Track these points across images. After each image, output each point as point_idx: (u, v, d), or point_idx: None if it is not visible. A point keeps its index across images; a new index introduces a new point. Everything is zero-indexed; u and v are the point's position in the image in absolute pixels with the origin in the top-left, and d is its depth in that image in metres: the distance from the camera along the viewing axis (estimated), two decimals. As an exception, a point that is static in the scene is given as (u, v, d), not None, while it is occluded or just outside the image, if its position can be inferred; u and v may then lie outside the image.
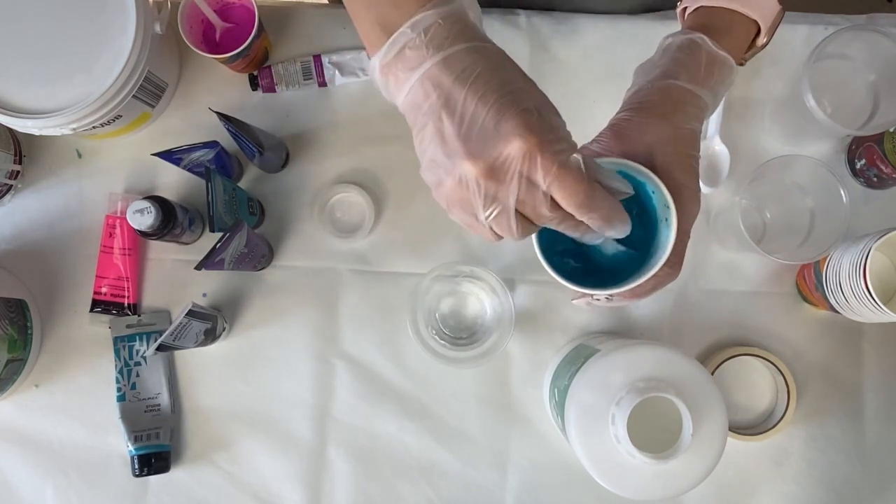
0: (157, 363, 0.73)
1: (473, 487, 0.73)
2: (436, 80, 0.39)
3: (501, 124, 0.38)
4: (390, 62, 0.41)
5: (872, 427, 0.73)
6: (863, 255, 0.61)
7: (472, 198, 0.39)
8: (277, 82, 0.76)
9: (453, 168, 0.39)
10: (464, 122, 0.38)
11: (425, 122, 0.40)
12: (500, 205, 0.39)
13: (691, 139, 0.48)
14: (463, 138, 0.38)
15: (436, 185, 0.41)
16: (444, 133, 0.39)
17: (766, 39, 0.54)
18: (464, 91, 0.38)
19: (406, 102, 0.41)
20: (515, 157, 0.37)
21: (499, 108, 0.38)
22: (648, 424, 0.53)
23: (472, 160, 0.38)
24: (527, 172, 0.38)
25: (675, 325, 0.75)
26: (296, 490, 0.73)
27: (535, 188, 0.38)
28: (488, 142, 0.38)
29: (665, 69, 0.49)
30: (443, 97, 0.39)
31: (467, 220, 0.41)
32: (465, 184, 0.39)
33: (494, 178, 0.38)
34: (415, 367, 0.74)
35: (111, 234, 0.74)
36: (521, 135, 0.37)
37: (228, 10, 0.74)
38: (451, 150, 0.39)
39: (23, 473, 0.73)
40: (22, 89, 0.65)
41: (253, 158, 0.71)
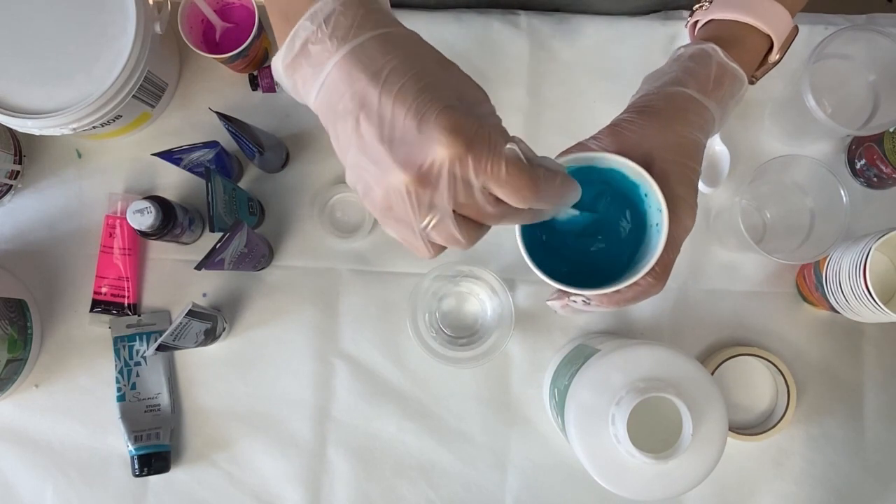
0: (157, 363, 0.73)
1: (473, 487, 0.73)
2: (346, 77, 0.36)
3: (424, 126, 0.34)
4: (293, 61, 0.37)
5: (872, 427, 0.73)
6: (863, 255, 0.61)
7: (406, 208, 0.36)
8: (277, 82, 0.76)
9: (381, 177, 0.35)
10: (384, 125, 0.35)
11: (343, 125, 0.36)
12: (438, 212, 0.36)
13: (693, 150, 0.46)
14: (387, 144, 0.35)
15: (363, 192, 0.37)
16: (365, 139, 0.35)
17: (779, 56, 0.53)
18: (378, 89, 0.35)
19: (318, 103, 0.38)
20: (445, 160, 0.34)
21: (418, 106, 0.34)
22: (648, 424, 0.53)
23: (400, 168, 0.34)
24: (461, 174, 0.35)
25: (675, 325, 0.75)
26: (296, 490, 0.73)
27: (471, 190, 0.35)
28: (413, 147, 0.34)
29: (674, 77, 0.48)
30: (357, 97, 0.35)
31: (402, 232, 0.38)
32: (396, 193, 0.35)
33: (427, 185, 0.35)
34: (415, 367, 0.74)
35: (111, 234, 0.74)
36: (447, 136, 0.34)
37: (228, 10, 0.74)
38: (376, 157, 0.35)
39: (23, 473, 0.73)
40: (22, 89, 0.65)
41: (253, 158, 0.71)
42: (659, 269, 0.44)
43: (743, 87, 0.49)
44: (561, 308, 0.49)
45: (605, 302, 0.46)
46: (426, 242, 0.38)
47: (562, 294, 0.48)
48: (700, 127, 0.46)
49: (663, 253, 0.44)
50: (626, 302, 0.46)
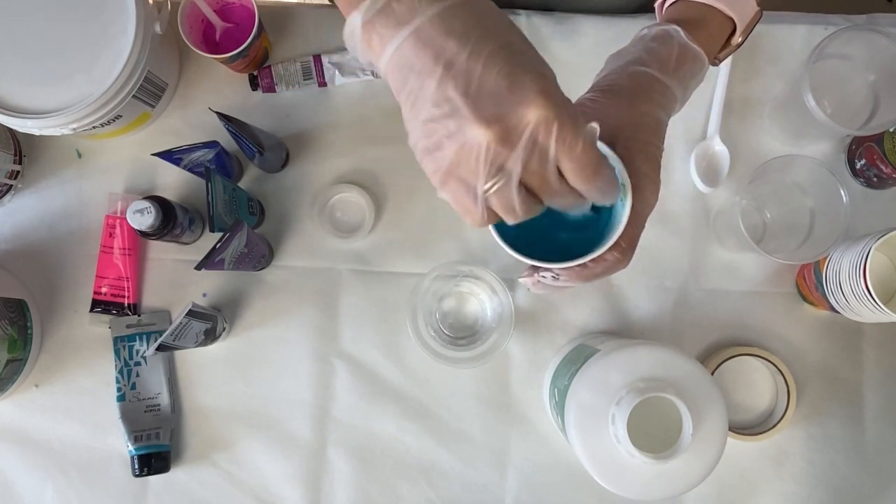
0: (157, 363, 0.73)
1: (473, 487, 0.73)
2: (431, 38, 0.36)
3: (517, 87, 0.35)
4: (374, 18, 0.37)
5: (872, 427, 0.73)
6: (863, 255, 0.61)
7: (477, 166, 0.36)
8: (277, 82, 0.76)
9: (458, 132, 0.35)
10: (471, 83, 0.35)
11: (420, 82, 0.36)
12: (506, 176, 0.36)
13: (656, 128, 0.47)
14: (473, 99, 0.35)
15: (432, 148, 0.37)
16: (447, 94, 0.35)
17: (742, 39, 0.54)
18: (467, 50, 0.35)
19: (393, 62, 0.37)
20: (533, 123, 0.35)
21: (511, 69, 0.35)
22: (648, 424, 0.53)
23: (484, 124, 0.35)
24: (541, 140, 0.35)
25: (675, 325, 0.75)
26: (296, 490, 0.73)
27: (546, 158, 0.36)
28: (503, 105, 0.35)
29: (636, 57, 0.48)
30: (443, 55, 0.35)
31: (462, 194, 0.38)
32: (470, 149, 0.36)
33: (507, 144, 0.35)
34: (415, 367, 0.74)
35: (111, 234, 0.74)
36: (541, 100, 0.35)
37: (228, 10, 0.74)
38: (458, 113, 0.35)
39: (23, 473, 0.73)
40: (22, 89, 0.65)
41: (253, 158, 0.71)
42: (625, 244, 0.45)
43: (704, 68, 0.50)
44: (532, 285, 0.50)
45: (573, 276, 0.47)
46: (484, 208, 0.38)
47: (532, 270, 0.48)
48: (662, 106, 0.48)
49: (628, 228, 0.45)
50: (595, 276, 0.46)
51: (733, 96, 0.76)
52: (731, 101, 0.76)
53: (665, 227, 0.75)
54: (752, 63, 0.76)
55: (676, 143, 0.76)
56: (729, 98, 0.76)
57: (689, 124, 0.76)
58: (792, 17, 0.78)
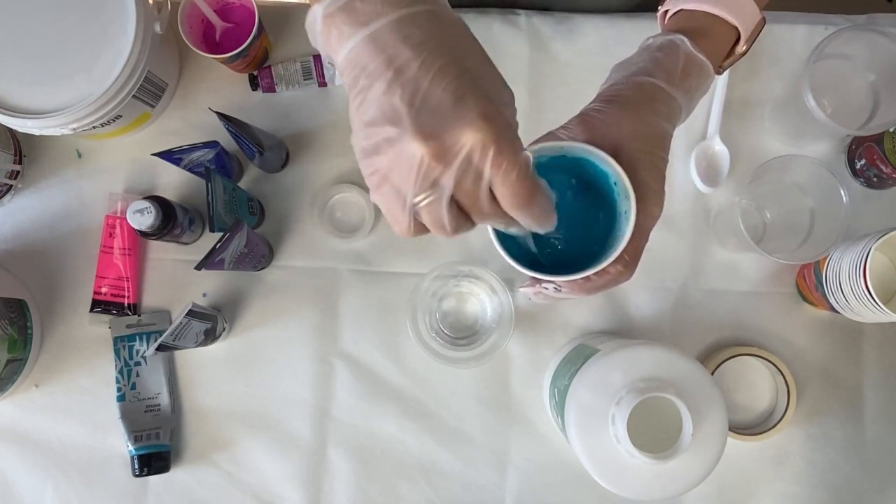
0: (157, 363, 0.73)
1: (473, 487, 0.73)
2: (386, 42, 0.36)
3: (460, 106, 0.35)
4: (335, 13, 0.37)
5: (872, 427, 0.73)
6: (863, 255, 0.61)
7: (409, 177, 0.36)
8: (277, 82, 0.76)
9: (397, 140, 0.35)
10: (417, 93, 0.35)
11: (369, 83, 0.36)
12: (437, 192, 0.36)
13: (661, 139, 0.47)
14: (416, 111, 0.35)
15: (370, 152, 0.37)
16: (392, 101, 0.35)
17: (746, 48, 0.53)
18: (420, 59, 0.35)
19: (347, 59, 0.37)
20: (469, 144, 0.35)
21: (458, 87, 0.35)
22: (648, 424, 0.53)
23: (422, 137, 0.35)
24: (476, 163, 0.35)
25: (675, 325, 0.75)
26: (296, 490, 0.73)
27: (480, 180, 0.36)
28: (444, 122, 0.35)
29: (642, 67, 0.48)
30: (395, 61, 0.35)
31: (392, 202, 0.38)
32: (405, 160, 0.35)
33: (441, 162, 0.35)
34: (415, 367, 0.74)
35: (111, 234, 0.74)
36: (481, 123, 0.35)
37: (228, 10, 0.74)
38: (398, 121, 0.35)
39: (23, 473, 0.73)
40: (22, 89, 0.65)
41: (253, 158, 0.71)
42: (628, 257, 0.45)
43: (710, 78, 0.50)
44: (534, 295, 0.50)
45: (575, 289, 0.46)
46: (411, 218, 0.38)
47: (534, 281, 0.48)
48: (667, 117, 0.47)
49: (632, 241, 0.44)
50: (597, 289, 0.46)
51: (733, 96, 0.76)
52: (731, 101, 0.76)
53: (665, 227, 0.75)
54: (752, 63, 0.76)
55: (676, 143, 0.75)
56: (729, 98, 0.76)
57: (689, 124, 0.76)
58: (792, 17, 0.78)
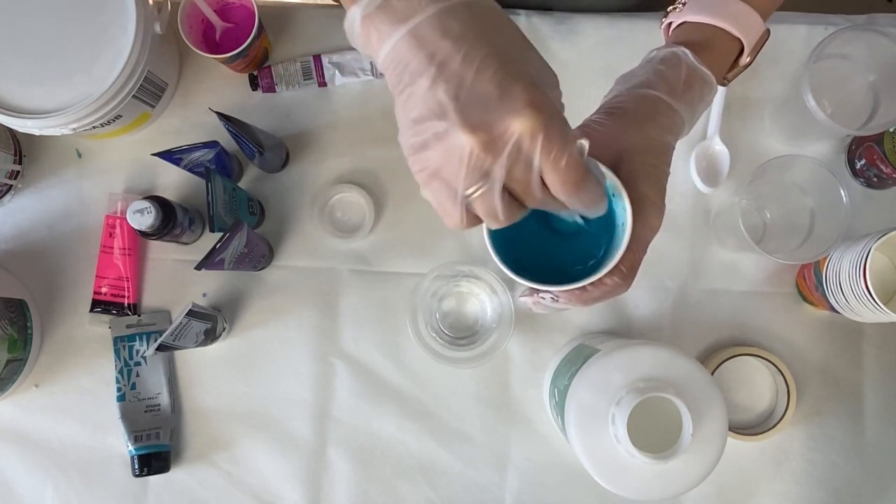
0: (157, 363, 0.73)
1: (473, 487, 0.73)
2: (428, 37, 0.36)
3: (506, 95, 0.35)
4: (373, 13, 0.37)
5: (872, 427, 0.73)
6: (863, 255, 0.61)
7: (460, 169, 0.36)
8: (277, 82, 0.76)
9: (445, 134, 0.35)
10: (462, 86, 0.35)
11: (412, 80, 0.36)
12: (489, 182, 0.36)
13: (662, 152, 0.47)
14: (462, 104, 0.35)
15: (418, 147, 0.37)
16: (437, 96, 0.35)
17: (750, 59, 0.53)
18: (461, 52, 0.35)
19: (389, 58, 0.37)
20: (518, 133, 0.35)
21: (503, 76, 0.35)
22: (648, 424, 0.53)
23: (470, 129, 0.35)
24: (526, 150, 0.35)
25: (675, 325, 0.75)
26: (296, 490, 0.73)
27: (531, 168, 0.36)
28: (491, 112, 0.35)
29: (645, 79, 0.48)
30: (437, 56, 0.35)
31: (443, 196, 0.38)
32: (454, 153, 0.35)
33: (490, 152, 0.35)
34: (415, 367, 0.74)
35: (111, 234, 0.74)
36: (529, 111, 0.34)
37: (228, 10, 0.74)
38: (446, 116, 0.35)
39: (23, 473, 0.73)
40: (22, 89, 0.65)
41: (253, 158, 0.71)
42: (625, 269, 0.45)
43: (713, 91, 0.50)
44: (533, 305, 0.50)
45: (573, 299, 0.47)
46: (463, 211, 0.38)
47: (532, 291, 0.48)
48: (669, 129, 0.47)
49: (629, 253, 0.44)
50: (594, 300, 0.46)
51: (733, 96, 0.76)
52: (731, 101, 0.76)
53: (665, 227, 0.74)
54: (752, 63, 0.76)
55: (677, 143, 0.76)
56: (729, 98, 0.76)
57: (690, 124, 0.76)
58: (792, 17, 0.78)
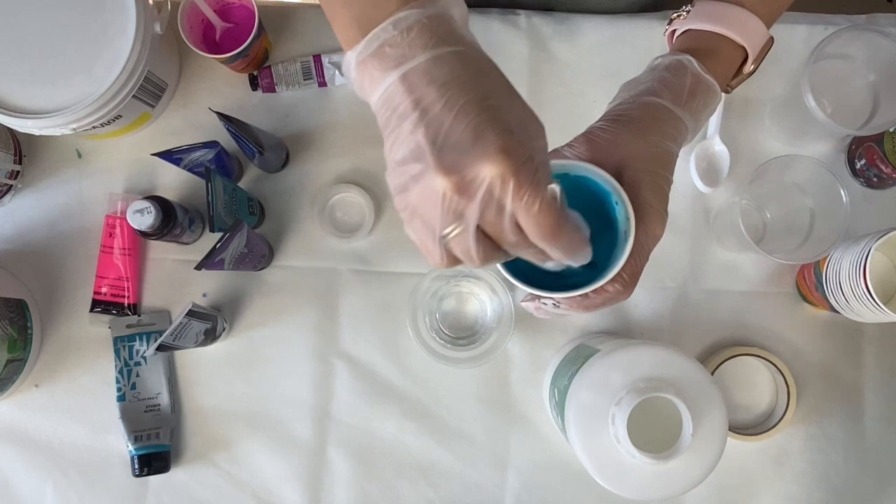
0: (157, 363, 0.73)
1: (473, 487, 0.73)
2: (414, 83, 0.38)
3: (479, 141, 0.36)
4: (367, 59, 0.39)
5: (872, 427, 0.73)
6: (863, 255, 0.61)
7: (435, 211, 0.37)
8: (277, 82, 0.76)
9: (422, 176, 0.37)
10: (440, 131, 0.37)
11: (398, 123, 0.38)
12: (463, 224, 0.37)
13: (666, 159, 0.47)
14: (438, 148, 0.36)
15: (400, 189, 0.39)
16: (417, 139, 0.37)
17: (753, 67, 0.54)
18: (444, 99, 0.37)
19: (380, 101, 0.39)
20: (489, 177, 0.36)
21: (479, 123, 0.36)
22: (648, 424, 0.53)
23: (443, 173, 0.36)
24: (498, 195, 0.36)
25: (675, 325, 0.75)
26: (296, 490, 0.73)
27: (503, 212, 0.37)
28: (463, 157, 0.36)
29: (649, 86, 0.49)
30: (421, 102, 0.37)
31: (424, 234, 0.39)
32: (430, 195, 0.37)
33: (463, 194, 0.36)
34: (415, 367, 0.74)
35: (111, 234, 0.74)
36: (498, 157, 0.36)
37: (228, 10, 0.74)
38: (423, 158, 0.37)
39: (23, 473, 0.73)
40: (22, 89, 0.65)
41: (253, 158, 0.71)
42: (627, 277, 0.45)
43: (717, 98, 0.50)
44: (534, 309, 0.51)
45: (574, 305, 0.47)
46: (443, 250, 0.39)
47: (534, 296, 0.49)
48: (673, 137, 0.48)
49: (631, 260, 0.45)
50: (595, 307, 0.47)
51: (733, 96, 0.76)
52: (731, 101, 0.76)
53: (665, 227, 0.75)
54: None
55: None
56: (729, 98, 0.76)
57: (689, 124, 0.76)
58: (792, 17, 0.78)
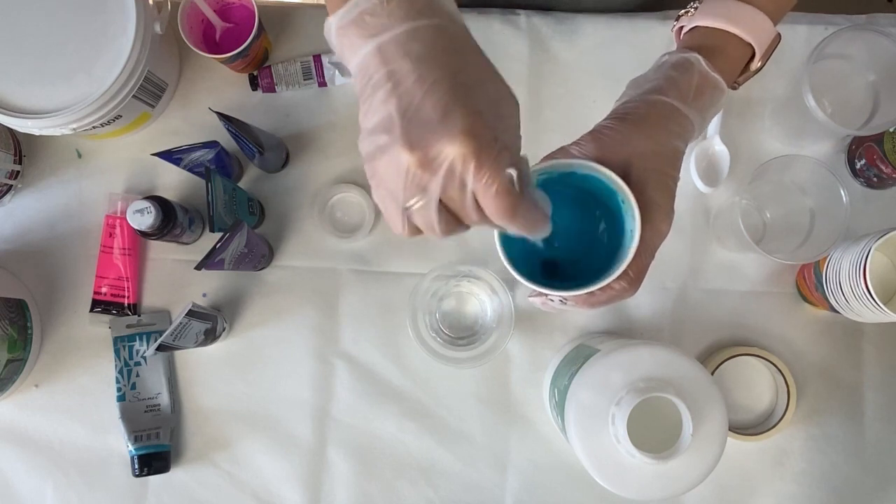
0: (157, 363, 0.73)
1: (473, 487, 0.73)
2: (390, 54, 0.38)
3: (447, 120, 0.36)
4: (347, 25, 0.39)
5: (872, 427, 0.73)
6: (863, 255, 0.61)
7: (398, 181, 0.38)
8: (277, 82, 0.76)
9: (388, 147, 0.38)
10: (410, 106, 0.37)
11: (372, 93, 0.38)
12: (426, 198, 0.38)
13: (672, 157, 0.47)
14: (406, 122, 0.37)
15: (370, 156, 0.39)
16: (388, 111, 0.37)
17: (761, 64, 0.54)
18: (416, 73, 0.37)
19: (357, 68, 0.40)
20: (451, 157, 0.37)
21: (448, 101, 0.37)
22: (648, 424, 0.53)
23: (408, 147, 0.37)
24: (459, 174, 0.37)
25: (675, 325, 0.75)
26: (296, 490, 0.73)
27: (464, 190, 0.38)
28: (429, 133, 0.37)
29: (656, 84, 0.49)
30: (394, 74, 0.37)
31: (389, 205, 0.40)
32: (395, 166, 0.38)
33: (426, 169, 0.37)
34: (415, 367, 0.74)
35: (111, 234, 0.74)
36: (462, 137, 0.36)
37: (228, 10, 0.74)
38: (391, 130, 0.37)
39: (23, 473, 0.73)
40: (22, 89, 0.65)
41: (253, 158, 0.71)
42: (632, 274, 0.46)
43: (723, 96, 0.50)
44: (540, 304, 0.51)
45: (580, 302, 0.48)
46: (405, 220, 0.40)
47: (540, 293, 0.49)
48: (679, 135, 0.48)
49: (637, 258, 0.45)
50: (601, 303, 0.47)
51: (733, 96, 0.76)
52: (731, 101, 0.76)
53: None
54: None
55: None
56: (729, 98, 0.75)
57: (689, 124, 0.76)
58: (792, 17, 0.78)
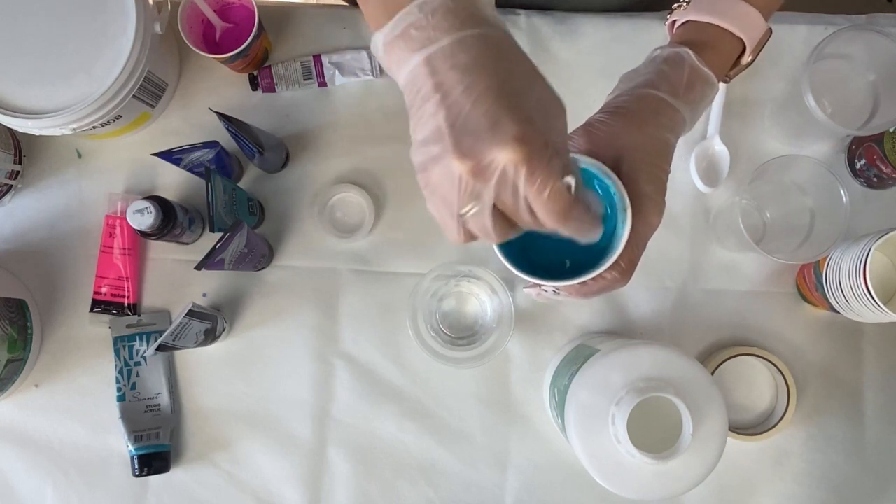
0: (157, 363, 0.73)
1: (473, 487, 0.73)
2: (437, 67, 0.39)
3: (496, 128, 0.37)
4: (394, 40, 0.40)
5: (872, 427, 0.73)
6: (863, 255, 0.61)
7: (452, 191, 0.39)
8: (277, 82, 0.76)
9: (440, 157, 0.38)
10: (459, 116, 0.38)
11: (421, 105, 0.39)
12: (480, 204, 0.39)
13: (663, 151, 0.48)
14: (457, 132, 0.38)
15: (422, 168, 0.40)
16: (438, 122, 0.38)
17: (751, 58, 0.54)
18: (464, 84, 0.38)
19: (405, 82, 0.41)
20: (503, 164, 0.37)
21: (497, 109, 0.37)
22: (648, 424, 0.53)
23: (460, 157, 0.37)
24: (512, 180, 0.38)
25: (675, 325, 0.75)
26: (296, 490, 0.73)
27: (518, 195, 0.38)
28: (480, 143, 0.37)
29: (647, 79, 0.49)
30: (442, 85, 0.38)
31: (443, 213, 0.41)
32: (448, 176, 0.38)
33: (479, 177, 0.38)
34: (415, 367, 0.74)
35: (111, 234, 0.74)
36: (514, 144, 0.37)
37: (228, 10, 0.74)
38: (442, 140, 0.38)
39: (23, 473, 0.73)
40: (22, 89, 0.65)
41: (253, 158, 0.71)
42: (624, 265, 0.47)
43: (714, 90, 0.51)
44: (536, 296, 0.53)
45: (572, 292, 0.49)
46: (460, 227, 0.41)
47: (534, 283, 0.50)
48: (670, 128, 0.49)
49: (628, 249, 0.46)
50: (593, 293, 0.49)
51: (733, 96, 0.76)
52: (731, 101, 0.76)
53: (665, 227, 0.74)
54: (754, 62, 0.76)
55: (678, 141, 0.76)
56: (729, 98, 0.76)
57: (689, 124, 0.76)
58: (792, 17, 0.78)
